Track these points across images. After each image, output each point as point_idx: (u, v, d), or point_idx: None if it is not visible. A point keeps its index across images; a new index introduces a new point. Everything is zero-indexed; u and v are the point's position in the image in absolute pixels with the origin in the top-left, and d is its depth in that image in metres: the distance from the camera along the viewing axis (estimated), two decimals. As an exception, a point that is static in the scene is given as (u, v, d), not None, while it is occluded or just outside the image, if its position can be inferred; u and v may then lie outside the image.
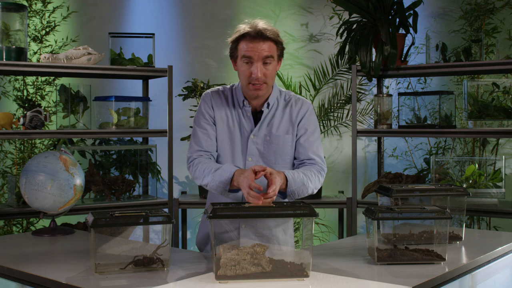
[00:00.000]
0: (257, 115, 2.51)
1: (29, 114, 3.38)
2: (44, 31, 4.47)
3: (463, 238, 2.58)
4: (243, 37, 2.39)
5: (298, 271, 2.00)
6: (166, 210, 3.66)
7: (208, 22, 5.07)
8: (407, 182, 3.89)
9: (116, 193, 3.77)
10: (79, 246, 2.55)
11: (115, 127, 3.73)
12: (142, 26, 4.86)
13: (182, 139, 4.18)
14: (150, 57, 3.88)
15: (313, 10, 5.20)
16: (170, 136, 3.85)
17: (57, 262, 2.26)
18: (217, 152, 2.51)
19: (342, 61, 4.64)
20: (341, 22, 4.40)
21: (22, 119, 3.38)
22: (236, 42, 2.43)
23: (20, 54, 3.40)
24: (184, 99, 4.19)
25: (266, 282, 1.95)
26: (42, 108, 3.78)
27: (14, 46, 3.38)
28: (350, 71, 4.03)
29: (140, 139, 4.13)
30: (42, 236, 2.75)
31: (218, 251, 2.00)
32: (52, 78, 4.44)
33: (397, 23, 3.89)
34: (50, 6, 4.47)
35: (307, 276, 2.00)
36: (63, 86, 3.67)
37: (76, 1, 4.72)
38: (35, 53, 4.47)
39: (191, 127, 3.57)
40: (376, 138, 4.51)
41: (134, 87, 4.49)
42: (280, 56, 2.45)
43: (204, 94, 2.57)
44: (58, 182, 2.68)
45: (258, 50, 2.36)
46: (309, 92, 4.91)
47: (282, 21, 5.17)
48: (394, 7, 3.87)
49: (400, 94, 4.08)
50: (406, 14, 3.85)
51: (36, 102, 4.11)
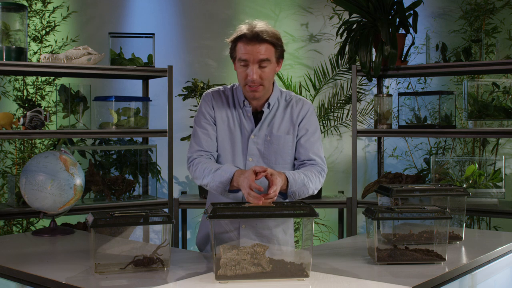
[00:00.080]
0: (257, 115, 2.51)
1: (29, 114, 3.38)
2: (44, 31, 4.47)
3: (463, 238, 2.58)
4: (240, 38, 2.38)
5: (298, 271, 2.00)
6: (166, 210, 3.66)
7: (208, 22, 5.07)
8: (407, 182, 3.88)
9: (116, 193, 3.77)
10: (79, 246, 2.55)
11: (115, 127, 3.73)
12: (142, 26, 4.85)
13: (182, 139, 4.18)
14: (150, 57, 3.88)
15: (313, 10, 5.20)
16: (170, 136, 3.85)
17: (57, 262, 2.26)
18: (217, 152, 2.51)
19: (342, 61, 4.64)
20: (341, 22, 4.40)
21: (22, 119, 3.38)
22: (234, 43, 2.42)
23: (20, 54, 3.40)
24: (184, 99, 4.19)
25: (266, 282, 1.95)
26: (42, 108, 3.78)
27: (14, 46, 3.38)
28: (350, 71, 4.03)
29: (140, 139, 4.13)
30: (42, 236, 2.74)
31: (218, 251, 1.99)
32: (52, 78, 4.44)
33: (397, 23, 3.89)
34: (50, 6, 4.47)
35: (307, 276, 2.00)
36: (63, 86, 3.67)
37: (76, 1, 4.72)
38: (35, 53, 4.47)
39: (191, 127, 3.57)
40: (376, 138, 4.50)
41: (134, 87, 4.49)
42: (279, 58, 2.44)
43: (204, 94, 2.56)
44: (58, 182, 2.68)
45: (253, 53, 2.35)
46: (309, 92, 4.91)
47: (282, 21, 5.17)
48: (394, 7, 3.87)
49: (400, 94, 4.08)
50: (406, 14, 3.85)
51: (36, 102, 4.11)
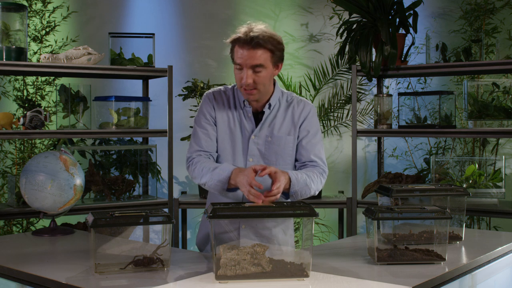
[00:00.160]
0: (258, 116, 2.51)
1: (29, 114, 3.38)
2: (44, 31, 4.47)
3: (463, 238, 2.58)
4: (236, 41, 2.37)
5: (298, 271, 2.00)
6: (166, 210, 3.66)
7: (208, 22, 5.07)
8: (407, 182, 3.88)
9: (116, 193, 3.77)
10: (79, 246, 2.55)
11: (115, 127, 3.73)
12: (142, 26, 4.85)
13: (182, 139, 4.18)
14: (150, 57, 3.88)
15: (313, 10, 5.20)
16: (170, 136, 3.85)
17: (57, 262, 2.26)
18: (217, 152, 2.51)
19: (342, 61, 4.64)
20: (341, 22, 4.39)
21: (22, 119, 3.38)
22: (232, 45, 2.42)
23: (20, 54, 3.40)
24: (184, 99, 4.19)
25: (266, 282, 1.95)
26: (42, 108, 3.78)
27: (14, 46, 3.38)
28: (350, 71, 4.03)
29: (140, 139, 4.13)
30: (42, 236, 2.74)
31: (218, 251, 1.99)
32: (52, 78, 4.44)
33: (397, 23, 3.89)
34: (50, 6, 4.47)
35: (307, 276, 2.00)
36: (63, 86, 3.67)
37: (76, 1, 4.72)
38: (35, 53, 4.47)
39: (191, 127, 3.57)
40: (376, 138, 4.50)
41: (134, 87, 4.49)
42: (277, 62, 2.40)
43: (205, 94, 2.56)
44: (58, 182, 2.68)
45: (247, 58, 2.33)
46: (309, 92, 4.91)
47: (282, 21, 5.17)
48: (394, 7, 3.87)
49: (400, 94, 4.08)
50: (406, 14, 3.85)
51: (36, 102, 4.11)
